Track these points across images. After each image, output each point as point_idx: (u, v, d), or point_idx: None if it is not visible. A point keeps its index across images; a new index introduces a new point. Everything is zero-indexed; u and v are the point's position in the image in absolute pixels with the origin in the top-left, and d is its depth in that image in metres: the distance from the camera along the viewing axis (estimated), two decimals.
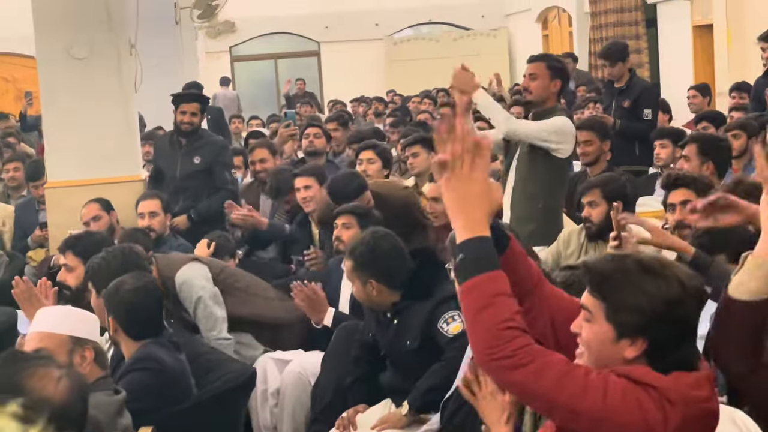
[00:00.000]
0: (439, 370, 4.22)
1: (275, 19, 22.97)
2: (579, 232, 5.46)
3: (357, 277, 4.44)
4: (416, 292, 4.37)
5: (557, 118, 5.74)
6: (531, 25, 21.51)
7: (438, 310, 4.27)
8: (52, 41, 7.24)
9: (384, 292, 4.41)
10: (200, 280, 5.35)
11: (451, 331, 4.21)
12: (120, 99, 7.35)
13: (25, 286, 4.53)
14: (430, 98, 14.18)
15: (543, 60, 5.90)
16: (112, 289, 4.21)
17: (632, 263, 2.40)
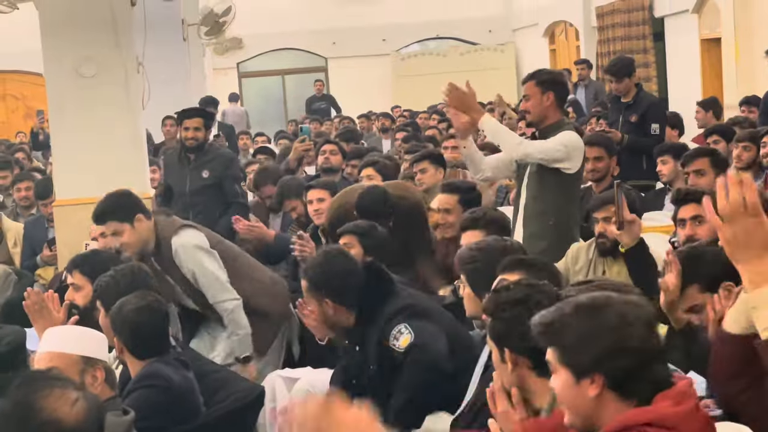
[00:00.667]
0: (400, 389, 4.17)
1: (282, 35, 23.03)
2: (587, 248, 5.42)
3: (313, 297, 4.41)
4: (367, 316, 4.32)
5: (564, 134, 5.65)
6: (538, 39, 21.52)
7: (386, 329, 4.22)
8: (60, 59, 7.26)
9: (340, 311, 4.38)
10: (198, 244, 5.43)
11: (401, 345, 4.17)
12: (128, 116, 7.36)
13: (36, 297, 4.51)
14: (438, 113, 14.17)
15: (531, 78, 5.78)
16: (116, 310, 4.20)
17: (568, 305, 2.50)
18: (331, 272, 4.38)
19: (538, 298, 3.10)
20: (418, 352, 4.14)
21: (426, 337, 4.18)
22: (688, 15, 14.46)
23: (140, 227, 5.37)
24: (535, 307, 3.02)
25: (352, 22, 22.99)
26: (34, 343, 4.85)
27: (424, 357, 4.15)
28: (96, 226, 5.62)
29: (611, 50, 16.51)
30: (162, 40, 9.55)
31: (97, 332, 3.86)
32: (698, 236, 4.63)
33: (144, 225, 5.38)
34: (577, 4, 18.63)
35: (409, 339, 4.12)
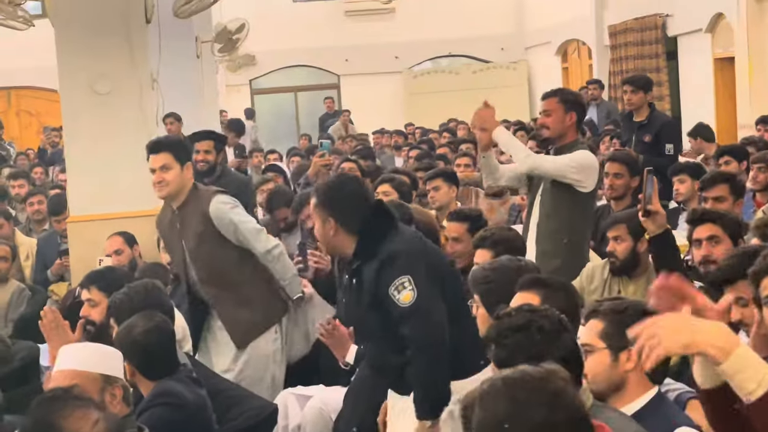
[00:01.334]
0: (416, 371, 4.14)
1: (295, 52, 23.08)
2: (603, 267, 5.41)
3: (318, 215, 4.38)
4: (366, 251, 4.29)
5: (579, 152, 5.68)
6: (551, 57, 21.53)
7: (384, 272, 4.17)
8: (75, 75, 7.29)
9: (341, 234, 4.32)
10: (235, 203, 5.60)
11: (402, 300, 4.11)
12: (142, 133, 7.35)
13: (53, 316, 4.51)
14: (450, 131, 14.18)
15: (555, 95, 5.83)
16: (124, 333, 4.20)
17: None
18: (341, 193, 4.36)
19: (540, 323, 3.07)
20: (422, 317, 4.10)
21: (427, 301, 4.13)
22: (702, 34, 14.45)
23: (185, 175, 5.53)
24: (537, 332, 3.03)
25: (364, 40, 23.04)
26: (47, 358, 4.87)
27: (428, 320, 4.11)
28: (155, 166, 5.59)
29: (624, 69, 16.50)
30: (176, 56, 9.55)
31: (113, 349, 3.86)
32: (714, 256, 4.62)
33: (188, 175, 5.55)
34: (589, 22, 18.64)
35: (411, 297, 4.09)
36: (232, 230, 5.49)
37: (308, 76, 24.12)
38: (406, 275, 4.12)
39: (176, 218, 5.56)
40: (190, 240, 5.50)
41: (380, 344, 4.32)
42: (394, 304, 4.13)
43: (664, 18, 15.66)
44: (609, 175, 6.69)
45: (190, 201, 5.52)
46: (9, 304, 7.07)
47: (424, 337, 4.08)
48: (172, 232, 5.64)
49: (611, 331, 3.30)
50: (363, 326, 4.45)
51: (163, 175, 5.49)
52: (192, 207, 5.51)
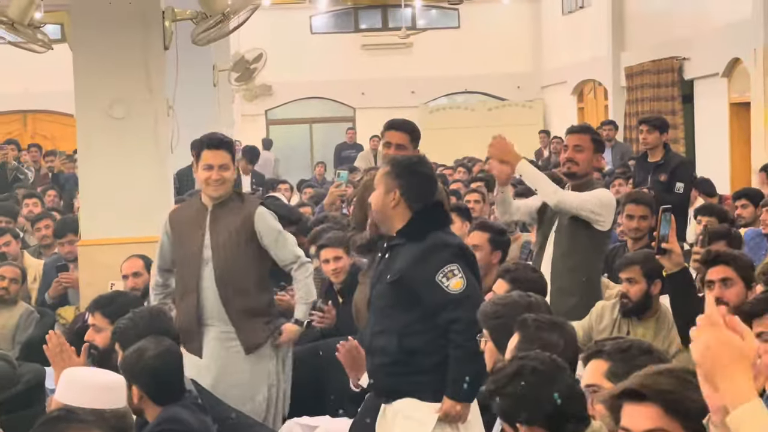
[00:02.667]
0: (462, 353, 4.21)
1: (312, 84, 23.17)
2: (612, 307, 5.37)
3: (384, 183, 4.46)
4: (414, 232, 4.39)
5: (601, 191, 5.67)
6: (567, 97, 21.57)
7: (433, 257, 4.28)
8: (91, 99, 7.32)
9: (400, 207, 4.41)
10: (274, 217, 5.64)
11: (452, 287, 4.23)
12: (156, 159, 7.40)
13: (57, 340, 4.49)
14: (464, 167, 14.16)
15: (588, 132, 5.83)
16: (135, 357, 4.18)
17: None
18: (417, 169, 4.49)
19: (532, 365, 3.09)
20: (470, 308, 4.15)
21: (475, 290, 4.31)
22: (718, 78, 14.46)
23: (234, 174, 5.63)
24: (531, 374, 3.05)
25: (381, 74, 23.13)
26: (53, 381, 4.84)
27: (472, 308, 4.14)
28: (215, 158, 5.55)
29: (640, 110, 16.51)
30: (192, 84, 9.59)
31: (113, 378, 3.82)
32: (725, 299, 4.59)
33: (233, 174, 5.62)
34: (606, 63, 18.69)
35: (461, 285, 4.24)
36: (274, 237, 5.54)
37: (324, 108, 24.20)
38: (455, 263, 4.26)
39: (206, 214, 5.53)
40: (221, 234, 5.48)
41: (384, 323, 4.41)
42: (439, 291, 4.25)
43: (681, 61, 15.69)
44: (634, 217, 6.63)
45: (230, 202, 5.56)
46: (17, 326, 7.04)
47: (471, 327, 4.13)
48: (193, 226, 5.56)
49: (618, 370, 3.26)
50: (377, 300, 4.49)
51: (222, 173, 5.49)
52: (232, 207, 5.54)
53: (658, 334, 5.20)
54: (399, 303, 4.34)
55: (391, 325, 4.38)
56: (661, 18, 16.59)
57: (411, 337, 4.35)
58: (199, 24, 7.74)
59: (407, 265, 4.31)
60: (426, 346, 4.37)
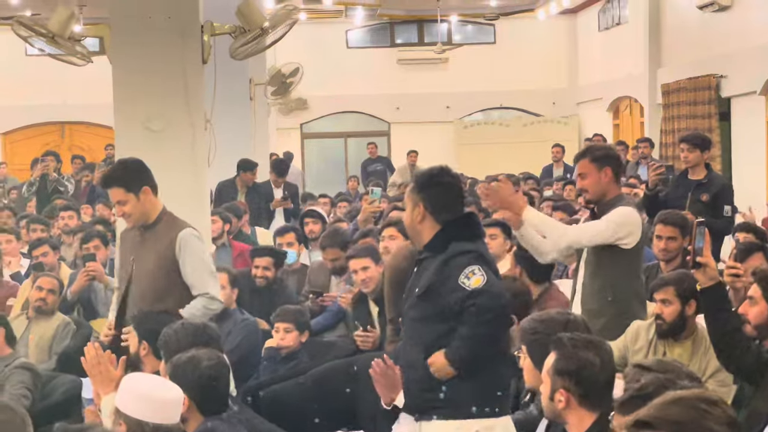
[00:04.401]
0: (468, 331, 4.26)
1: (347, 98, 23.22)
2: (648, 328, 5.33)
3: (411, 199, 4.51)
4: (438, 245, 4.42)
5: (619, 209, 5.51)
6: (602, 114, 21.50)
7: (453, 261, 4.32)
8: (130, 113, 7.35)
9: (426, 221, 4.45)
10: (199, 243, 5.56)
11: (471, 285, 4.25)
12: (193, 172, 7.41)
13: (95, 352, 4.52)
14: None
15: (584, 156, 5.69)
16: (189, 367, 4.20)
17: None
18: (438, 182, 4.49)
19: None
20: (488, 298, 4.24)
21: (496, 286, 4.33)
22: (756, 96, 14.37)
23: (145, 200, 5.51)
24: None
25: (416, 89, 23.15)
26: (90, 392, 4.87)
27: (493, 303, 4.27)
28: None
29: (676, 128, 16.43)
30: (229, 98, 9.66)
31: (172, 393, 3.85)
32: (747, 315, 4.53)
33: (149, 198, 5.53)
34: (642, 80, 18.62)
35: (481, 281, 4.25)
36: (191, 263, 5.44)
37: (359, 122, 24.23)
38: (475, 265, 4.29)
39: (139, 235, 5.56)
40: (145, 258, 5.49)
41: (415, 336, 4.42)
42: (461, 291, 4.26)
43: (718, 79, 15.60)
44: (662, 238, 6.59)
45: (158, 224, 5.54)
46: (54, 337, 7.09)
47: (490, 310, 4.23)
48: (127, 249, 5.63)
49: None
50: (408, 314, 4.49)
51: (122, 208, 5.52)
52: (159, 230, 5.52)
53: (694, 355, 5.16)
54: (428, 316, 4.37)
55: (422, 339, 4.40)
56: (699, 35, 16.51)
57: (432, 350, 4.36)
58: (237, 38, 7.78)
59: (432, 277, 4.34)
60: None
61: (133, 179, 5.50)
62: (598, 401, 3.45)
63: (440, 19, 22.23)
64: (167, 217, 5.57)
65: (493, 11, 20.84)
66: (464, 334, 4.30)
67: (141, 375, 4.27)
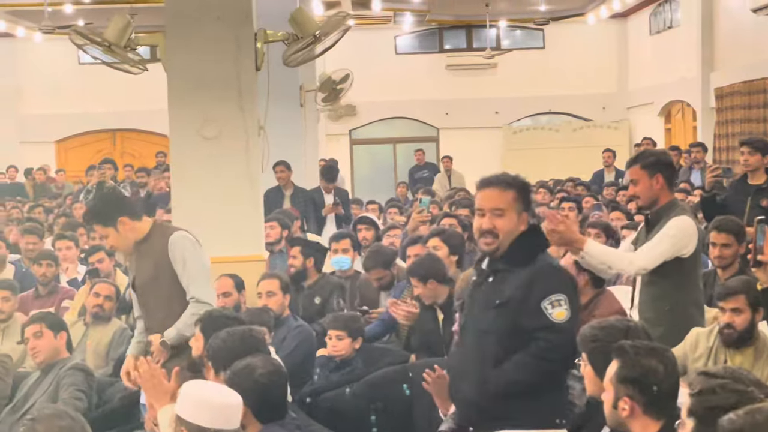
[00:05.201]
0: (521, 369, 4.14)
1: (396, 104, 23.25)
2: (708, 335, 5.27)
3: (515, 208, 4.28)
4: (519, 257, 4.27)
5: (674, 222, 5.44)
6: (653, 118, 21.34)
7: (540, 282, 4.19)
8: (184, 120, 7.40)
9: (522, 220, 4.28)
10: (194, 240, 5.59)
11: (555, 316, 4.13)
12: (247, 178, 7.45)
13: (147, 366, 4.53)
14: (546, 188, 14.04)
15: (636, 162, 5.63)
16: (245, 374, 4.21)
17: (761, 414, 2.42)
18: (526, 183, 4.40)
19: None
20: (564, 338, 4.13)
21: (575, 323, 4.22)
22: None
23: (124, 229, 5.54)
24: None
25: (465, 94, 23.12)
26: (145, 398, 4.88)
27: (566, 344, 4.14)
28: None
29: (730, 132, 16.27)
30: (281, 104, 9.66)
31: (234, 402, 3.87)
32: None
33: (128, 227, 5.55)
34: (695, 84, 18.45)
35: (565, 316, 4.14)
36: (180, 264, 5.49)
37: (407, 128, 24.24)
38: (563, 294, 4.18)
39: (135, 251, 5.65)
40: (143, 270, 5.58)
41: (483, 348, 4.27)
42: (542, 316, 4.15)
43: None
44: (717, 245, 6.52)
45: (153, 238, 5.59)
46: (111, 343, 7.14)
47: (555, 353, 4.12)
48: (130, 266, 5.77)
49: None
50: (476, 324, 4.35)
51: (107, 241, 5.65)
52: (153, 240, 5.57)
53: (756, 362, 5.09)
54: (502, 328, 4.24)
55: (491, 352, 4.27)
56: (753, 38, 16.33)
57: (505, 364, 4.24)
58: (290, 45, 7.81)
59: (516, 290, 4.21)
60: None
61: (106, 214, 5.57)
62: (663, 409, 3.41)
63: (489, 24, 22.19)
64: (158, 228, 5.64)
65: (543, 16, 20.73)
66: (523, 361, 4.18)
67: (201, 382, 4.28)
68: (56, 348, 6.13)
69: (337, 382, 6.33)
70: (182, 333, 5.45)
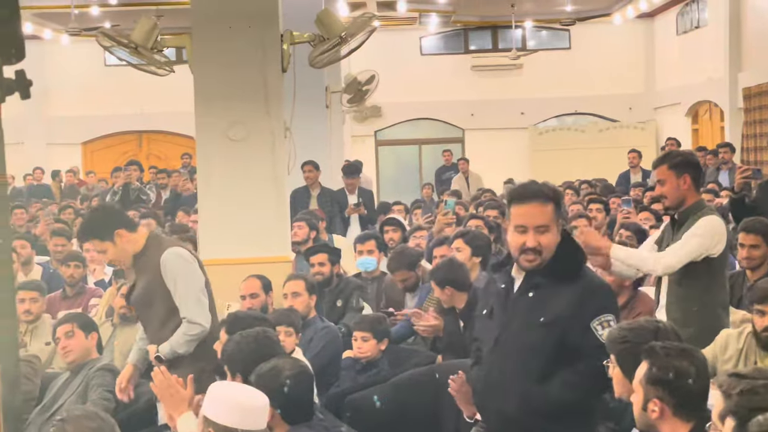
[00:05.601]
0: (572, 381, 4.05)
1: (421, 105, 23.24)
2: (738, 337, 5.23)
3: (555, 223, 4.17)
4: (559, 270, 4.15)
5: (702, 222, 5.43)
6: (680, 119, 21.23)
7: (589, 302, 4.10)
8: (210, 122, 7.42)
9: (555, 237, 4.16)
10: (187, 258, 5.50)
11: (605, 337, 4.02)
12: (273, 180, 7.46)
13: (162, 377, 4.52)
14: (572, 189, 14.00)
15: (664, 162, 5.61)
16: (271, 376, 4.21)
17: None
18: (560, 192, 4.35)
19: None
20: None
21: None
22: None
23: (122, 242, 5.49)
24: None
25: (491, 95, 23.08)
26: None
27: None
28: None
29: (758, 132, 16.17)
30: (307, 106, 9.69)
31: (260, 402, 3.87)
32: None
33: (125, 239, 5.50)
34: (723, 84, 18.35)
35: None
36: (172, 283, 5.45)
37: (433, 129, 24.22)
38: (611, 314, 4.12)
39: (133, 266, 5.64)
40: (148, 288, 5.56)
41: (521, 365, 4.16)
42: (592, 337, 4.08)
43: None
44: (745, 246, 6.48)
45: (149, 253, 5.54)
46: None
47: (604, 373, 3.99)
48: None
49: None
50: (513, 340, 4.21)
51: (105, 257, 5.63)
52: (150, 255, 5.53)
53: None
54: (547, 347, 4.11)
55: (535, 368, 4.15)
56: None
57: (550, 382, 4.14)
58: (316, 47, 7.81)
59: (564, 309, 4.10)
60: None
61: (103, 228, 5.51)
62: (693, 411, 3.39)
63: (514, 25, 22.15)
64: (154, 241, 5.57)
65: (569, 16, 20.68)
66: (571, 380, 4.10)
67: (227, 383, 4.29)
68: (87, 348, 6.14)
69: (364, 383, 6.33)
70: (175, 350, 5.44)
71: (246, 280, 6.67)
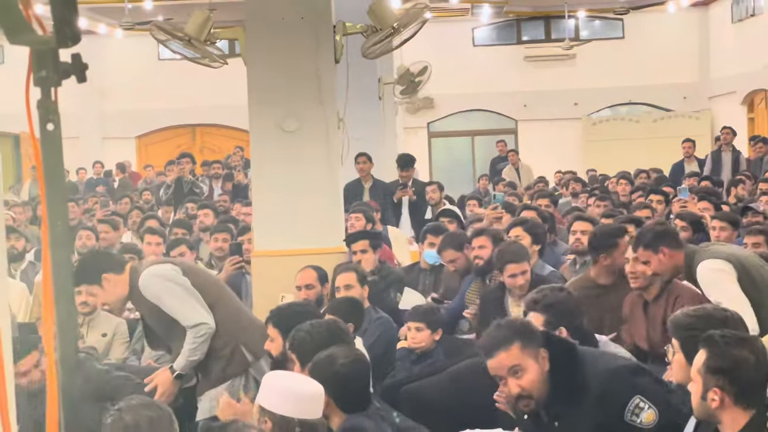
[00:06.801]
0: None
1: (473, 97, 23.16)
2: None
3: (533, 357, 4.00)
4: (567, 391, 3.99)
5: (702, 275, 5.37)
6: (736, 108, 20.98)
7: (606, 402, 3.93)
8: (264, 113, 7.43)
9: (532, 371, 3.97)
10: (158, 274, 5.45)
11: (645, 421, 3.90)
12: (327, 171, 7.46)
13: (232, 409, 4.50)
14: (627, 179, 13.86)
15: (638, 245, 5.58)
16: (326, 364, 4.21)
17: None
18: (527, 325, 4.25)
19: None
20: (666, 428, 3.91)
21: (665, 412, 3.96)
22: None
23: (109, 285, 5.45)
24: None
25: (544, 86, 22.95)
26: None
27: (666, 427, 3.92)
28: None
29: None
30: (360, 97, 9.68)
31: (315, 391, 3.89)
32: None
33: (112, 282, 5.45)
34: None
35: (654, 415, 3.89)
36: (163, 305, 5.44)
37: (486, 120, 24.14)
38: (635, 394, 3.94)
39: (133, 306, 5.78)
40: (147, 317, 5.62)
41: None
42: (633, 430, 3.92)
43: None
44: None
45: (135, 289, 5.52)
46: None
47: None
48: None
49: None
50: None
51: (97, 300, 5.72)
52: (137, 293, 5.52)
53: None
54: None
55: None
56: None
57: None
58: (369, 37, 7.80)
59: (596, 428, 3.94)
60: None
61: (90, 274, 5.48)
62: (753, 399, 3.36)
63: (567, 15, 22.00)
64: (134, 275, 5.48)
65: (623, 5, 20.50)
66: None
67: (282, 372, 4.30)
68: None
69: (419, 374, 6.31)
70: (189, 359, 5.44)
71: (302, 270, 6.67)
